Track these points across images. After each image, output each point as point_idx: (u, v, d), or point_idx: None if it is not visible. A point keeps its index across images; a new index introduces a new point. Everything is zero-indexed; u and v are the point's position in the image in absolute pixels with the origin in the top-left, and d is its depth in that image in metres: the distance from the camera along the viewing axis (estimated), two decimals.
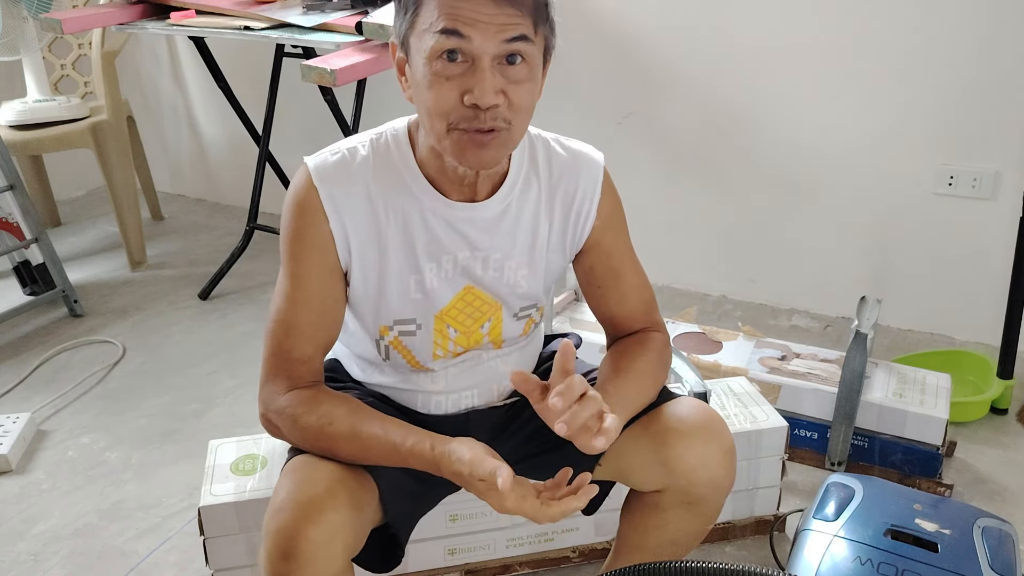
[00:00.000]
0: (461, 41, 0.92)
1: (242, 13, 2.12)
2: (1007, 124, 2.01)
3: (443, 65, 0.93)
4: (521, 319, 1.16)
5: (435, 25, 0.92)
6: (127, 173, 2.67)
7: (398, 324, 1.11)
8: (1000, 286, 1.97)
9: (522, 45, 0.93)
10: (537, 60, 0.97)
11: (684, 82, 2.32)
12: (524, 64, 0.95)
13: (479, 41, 0.92)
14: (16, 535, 1.62)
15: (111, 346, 2.28)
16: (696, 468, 1.07)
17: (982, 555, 1.24)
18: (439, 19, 0.92)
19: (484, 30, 0.91)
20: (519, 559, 1.49)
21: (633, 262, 1.19)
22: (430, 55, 0.93)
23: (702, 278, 2.53)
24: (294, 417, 1.02)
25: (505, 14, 0.92)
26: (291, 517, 0.93)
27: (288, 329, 1.05)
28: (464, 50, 0.92)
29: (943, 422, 1.64)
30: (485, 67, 0.92)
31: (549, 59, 1.02)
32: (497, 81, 0.93)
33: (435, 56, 0.93)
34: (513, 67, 0.94)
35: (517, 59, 0.94)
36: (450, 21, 0.91)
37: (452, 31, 0.91)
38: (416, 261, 1.07)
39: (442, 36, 0.92)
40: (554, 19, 0.99)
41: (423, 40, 0.94)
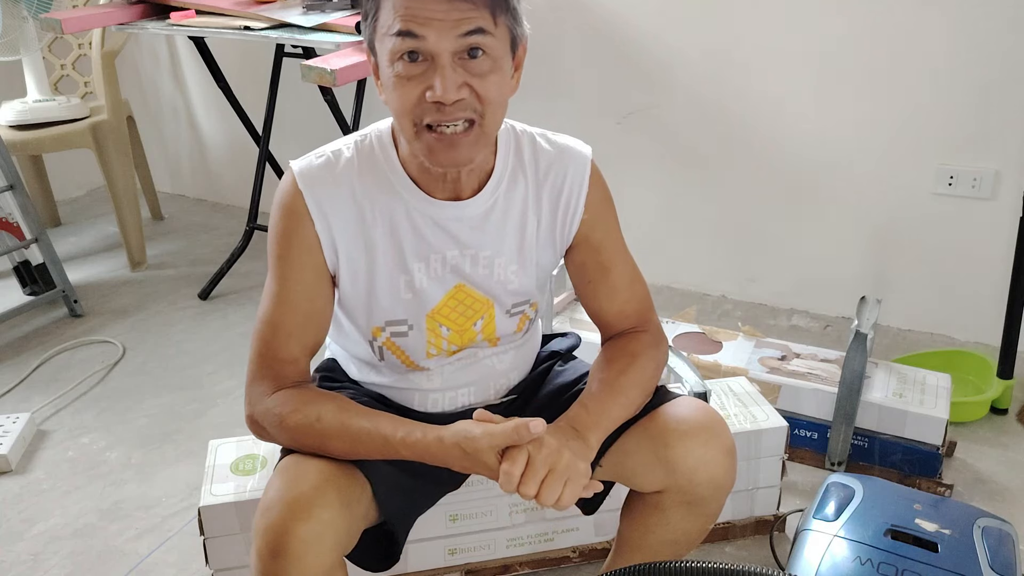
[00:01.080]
0: (417, 41, 0.92)
1: (242, 13, 2.12)
2: (1007, 124, 2.01)
3: (404, 66, 0.94)
4: (514, 315, 1.16)
5: (392, 27, 0.93)
6: (127, 173, 2.67)
7: (390, 325, 1.11)
8: (1000, 286, 1.97)
9: (479, 38, 0.94)
10: (501, 51, 0.97)
11: (684, 82, 2.32)
12: (486, 57, 0.95)
13: (434, 39, 0.92)
14: (16, 535, 1.62)
15: (111, 346, 2.28)
16: (697, 468, 1.07)
17: (982, 555, 1.24)
18: (395, 21, 0.93)
19: (438, 28, 0.92)
20: (519, 559, 1.49)
21: (624, 257, 1.18)
22: (391, 57, 0.95)
23: (702, 278, 2.53)
24: (280, 417, 1.02)
25: (458, 10, 0.92)
26: (280, 515, 0.93)
27: (275, 330, 1.05)
28: (422, 50, 0.93)
29: (943, 422, 1.64)
30: (445, 63, 0.93)
31: (520, 48, 1.01)
32: (459, 76, 0.94)
33: (396, 57, 0.94)
34: (475, 61, 0.95)
35: (478, 52, 0.94)
36: (404, 23, 0.92)
37: (407, 32, 0.92)
38: (404, 261, 1.08)
39: (398, 38, 0.93)
40: (517, 7, 0.97)
41: (384, 43, 0.96)
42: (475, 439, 0.94)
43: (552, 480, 0.94)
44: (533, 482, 0.93)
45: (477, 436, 0.94)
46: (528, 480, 0.93)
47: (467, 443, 0.94)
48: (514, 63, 1.01)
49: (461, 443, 0.94)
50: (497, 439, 0.93)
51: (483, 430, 0.94)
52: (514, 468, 0.93)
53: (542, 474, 0.93)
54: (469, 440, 0.94)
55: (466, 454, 0.95)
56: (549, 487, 0.94)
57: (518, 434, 0.93)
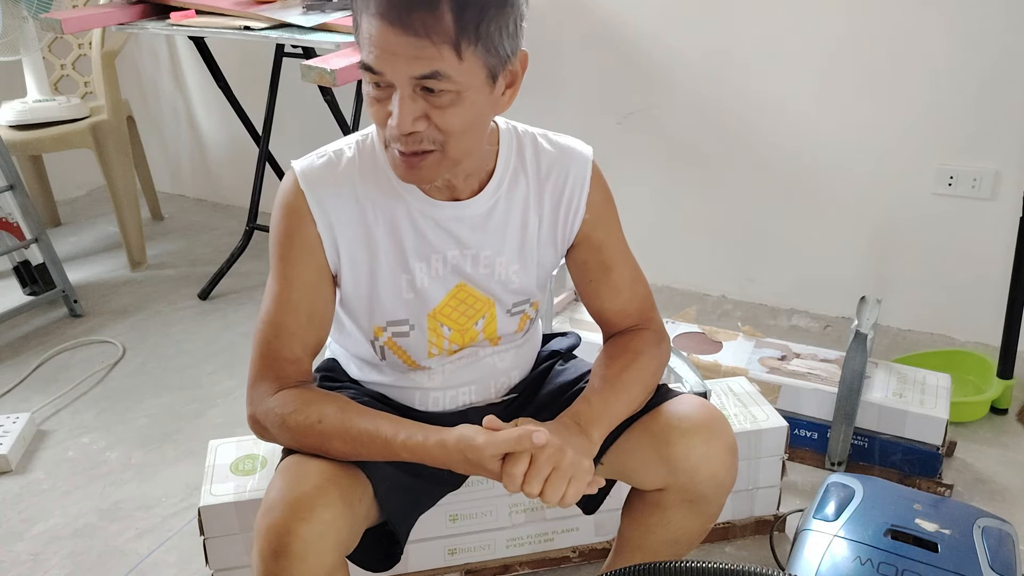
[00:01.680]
0: (376, 76, 0.92)
1: (242, 13, 2.12)
2: (1007, 124, 2.01)
3: (372, 88, 0.95)
4: (515, 315, 1.16)
5: (360, 54, 0.94)
6: (127, 173, 2.67)
7: (391, 325, 1.11)
8: (1000, 286, 1.97)
9: (434, 81, 0.90)
10: (469, 82, 0.92)
11: (684, 82, 2.32)
12: (446, 92, 0.91)
13: (391, 74, 0.91)
14: (16, 535, 1.62)
15: (111, 346, 2.28)
16: (698, 466, 1.07)
17: (982, 555, 1.24)
18: (362, 49, 0.93)
19: (394, 63, 0.90)
20: (519, 559, 1.49)
21: (626, 256, 1.18)
22: (364, 79, 0.95)
23: (702, 278, 2.53)
24: (282, 417, 1.02)
25: (416, 46, 0.88)
26: (282, 515, 0.93)
27: (277, 330, 1.05)
28: (381, 81, 0.93)
29: (943, 422, 1.64)
30: (404, 95, 0.91)
31: (508, 72, 0.96)
32: (418, 107, 0.92)
33: (366, 80, 0.95)
34: (435, 95, 0.92)
35: (435, 88, 0.91)
36: (367, 54, 0.92)
37: (367, 66, 0.92)
38: (406, 261, 1.08)
39: (362, 69, 0.93)
40: (494, 34, 0.91)
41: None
42: (478, 447, 0.94)
43: (556, 478, 0.94)
44: (537, 481, 0.93)
45: (480, 444, 0.94)
46: (532, 479, 0.93)
47: (470, 450, 0.94)
48: (506, 83, 0.97)
49: (464, 450, 0.94)
50: (500, 447, 0.93)
51: (486, 438, 0.94)
52: (517, 468, 0.93)
53: (545, 473, 0.93)
54: (472, 448, 0.94)
55: (468, 460, 0.95)
56: (553, 485, 0.93)
57: (520, 444, 0.93)
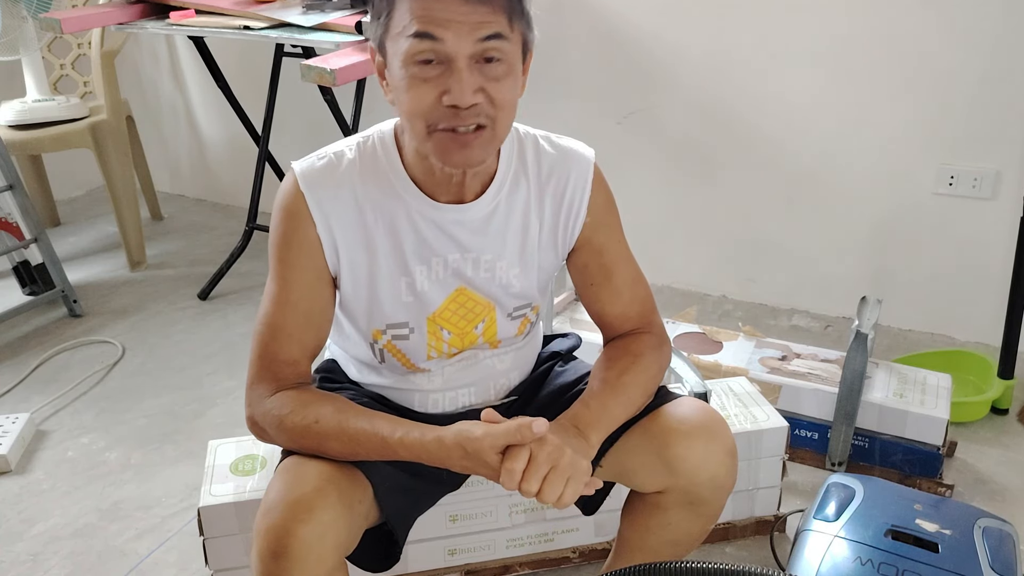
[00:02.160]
0: (435, 43, 0.91)
1: (242, 13, 2.12)
2: (1007, 124, 2.01)
3: (420, 68, 0.93)
4: (516, 319, 1.16)
5: (408, 28, 0.92)
6: (127, 173, 2.67)
7: (391, 328, 1.11)
8: (1000, 286, 1.97)
9: (497, 43, 0.93)
10: (515, 56, 0.97)
11: (684, 82, 2.32)
12: (501, 61, 0.94)
13: (453, 42, 0.91)
14: (16, 535, 1.62)
15: (110, 346, 2.28)
16: (698, 468, 1.07)
17: (982, 555, 1.24)
18: (412, 22, 0.92)
19: (457, 30, 0.91)
20: (519, 559, 1.49)
21: (627, 259, 1.18)
22: (405, 59, 0.93)
23: (702, 278, 2.53)
24: (280, 418, 1.02)
25: (478, 13, 0.91)
26: (281, 516, 0.93)
27: (275, 332, 1.05)
28: (439, 52, 0.92)
29: (943, 422, 1.64)
30: (462, 67, 0.92)
31: (529, 54, 1.01)
32: (475, 80, 0.93)
33: (410, 60, 0.93)
34: (490, 64, 0.94)
35: (494, 57, 0.94)
36: (423, 24, 0.91)
37: (425, 34, 0.91)
38: (406, 264, 1.07)
39: (415, 40, 0.92)
40: (529, 13, 0.97)
41: (398, 44, 0.94)
42: (477, 439, 0.94)
43: (554, 477, 0.94)
44: (535, 479, 0.93)
45: (479, 436, 0.94)
46: (530, 477, 0.93)
47: (468, 443, 0.94)
48: (523, 69, 1.01)
49: (462, 443, 0.94)
50: (499, 439, 0.93)
51: (484, 430, 0.94)
52: (516, 465, 0.93)
53: (544, 471, 0.93)
54: (470, 440, 0.94)
55: (467, 453, 0.94)
56: (551, 484, 0.93)
57: (520, 434, 0.92)
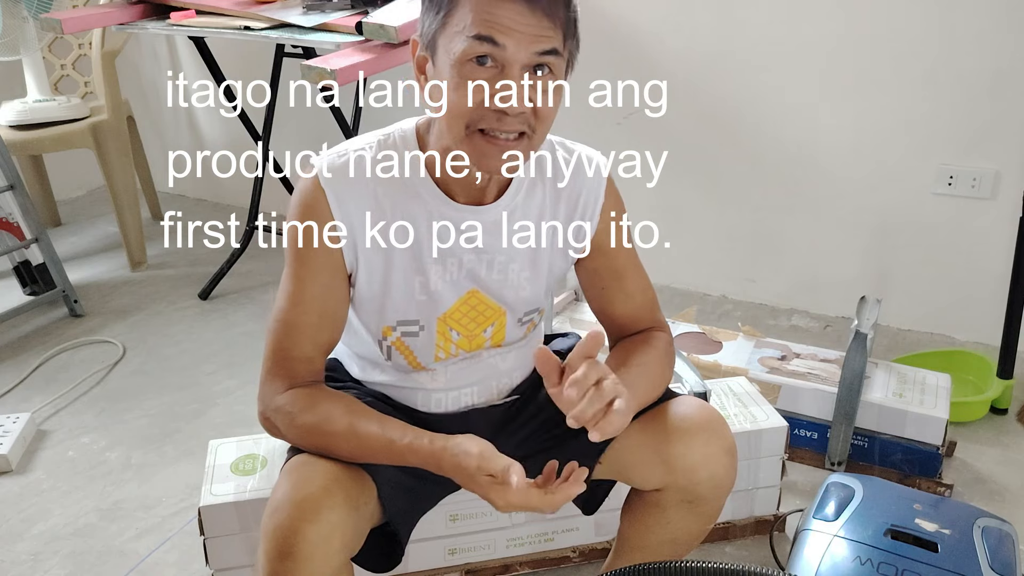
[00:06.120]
0: (495, 48, 0.92)
1: (242, 13, 2.12)
2: (1007, 124, 2.01)
3: (472, 68, 0.94)
4: (524, 323, 1.17)
5: (469, 29, 0.92)
6: (127, 173, 2.67)
7: (401, 325, 1.11)
8: (1000, 286, 1.97)
9: (552, 58, 0.95)
10: (562, 72, 0.98)
11: (685, 82, 2.32)
12: (551, 75, 0.96)
13: (513, 50, 0.92)
14: (16, 535, 1.62)
15: (111, 346, 2.28)
16: (697, 466, 1.07)
17: (982, 555, 1.24)
18: (473, 23, 0.92)
19: (519, 39, 0.92)
20: (519, 559, 1.49)
21: (636, 263, 1.19)
22: (460, 57, 0.94)
23: (702, 278, 2.53)
24: (291, 415, 1.02)
25: (541, 25, 0.93)
26: (288, 516, 0.93)
27: (289, 329, 1.05)
28: (496, 56, 0.93)
29: (943, 422, 1.64)
30: (516, 74, 0.94)
31: (571, 71, 1.02)
32: (527, 87, 0.94)
33: (465, 59, 0.94)
34: (540, 76, 0.95)
35: (544, 70, 0.95)
36: (486, 27, 0.92)
37: (487, 38, 0.92)
38: (421, 263, 1.08)
39: (475, 41, 0.92)
40: (578, 34, 1.00)
41: (453, 42, 0.94)
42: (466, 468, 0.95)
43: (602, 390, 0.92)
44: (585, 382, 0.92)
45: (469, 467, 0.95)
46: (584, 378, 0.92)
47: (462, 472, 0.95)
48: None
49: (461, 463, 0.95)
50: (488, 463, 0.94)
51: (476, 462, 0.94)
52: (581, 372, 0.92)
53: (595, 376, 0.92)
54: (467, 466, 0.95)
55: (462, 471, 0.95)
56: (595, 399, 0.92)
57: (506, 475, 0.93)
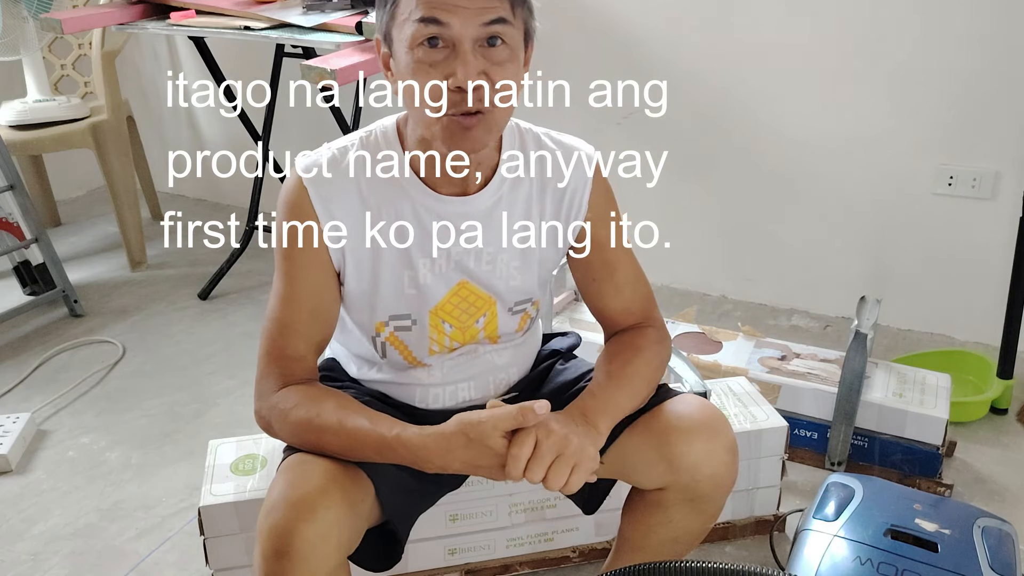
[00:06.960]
0: (440, 28, 0.94)
1: (242, 13, 2.12)
2: (1006, 124, 2.01)
3: (425, 52, 0.95)
4: (516, 313, 1.17)
5: (414, 14, 0.94)
6: (127, 173, 2.67)
7: (393, 320, 1.11)
8: (1000, 286, 1.97)
9: (501, 27, 0.95)
10: (517, 41, 0.99)
11: (684, 82, 2.32)
12: (504, 46, 0.97)
13: (458, 26, 0.93)
14: (16, 535, 1.62)
15: (111, 346, 2.28)
16: (699, 465, 1.07)
17: (982, 555, 1.24)
18: (417, 7, 0.94)
19: (463, 15, 0.93)
20: (519, 559, 1.49)
21: (628, 256, 1.19)
22: (411, 43, 0.95)
23: (702, 278, 2.53)
24: (285, 412, 1.03)
25: None
26: (284, 515, 0.93)
27: (282, 328, 1.06)
28: (444, 36, 0.94)
29: (943, 422, 1.64)
30: (466, 50, 0.94)
31: (531, 42, 1.03)
32: (479, 63, 0.95)
33: (416, 44, 0.95)
34: (494, 49, 0.96)
35: (497, 41, 0.96)
36: (428, 9, 0.93)
37: (431, 19, 0.93)
38: (409, 257, 1.08)
39: (421, 24, 0.94)
40: (532, 2, 1.00)
41: (403, 30, 0.96)
42: (480, 423, 0.94)
43: (560, 465, 0.94)
44: (540, 467, 0.93)
45: (482, 419, 0.94)
46: (535, 465, 0.93)
47: (471, 428, 0.94)
48: (524, 58, 1.02)
49: (465, 429, 0.94)
50: (502, 422, 0.93)
51: (487, 414, 0.94)
52: (521, 451, 0.93)
53: (549, 459, 0.94)
54: (473, 425, 0.94)
55: (470, 441, 0.94)
56: (556, 471, 0.94)
57: (524, 416, 0.93)
